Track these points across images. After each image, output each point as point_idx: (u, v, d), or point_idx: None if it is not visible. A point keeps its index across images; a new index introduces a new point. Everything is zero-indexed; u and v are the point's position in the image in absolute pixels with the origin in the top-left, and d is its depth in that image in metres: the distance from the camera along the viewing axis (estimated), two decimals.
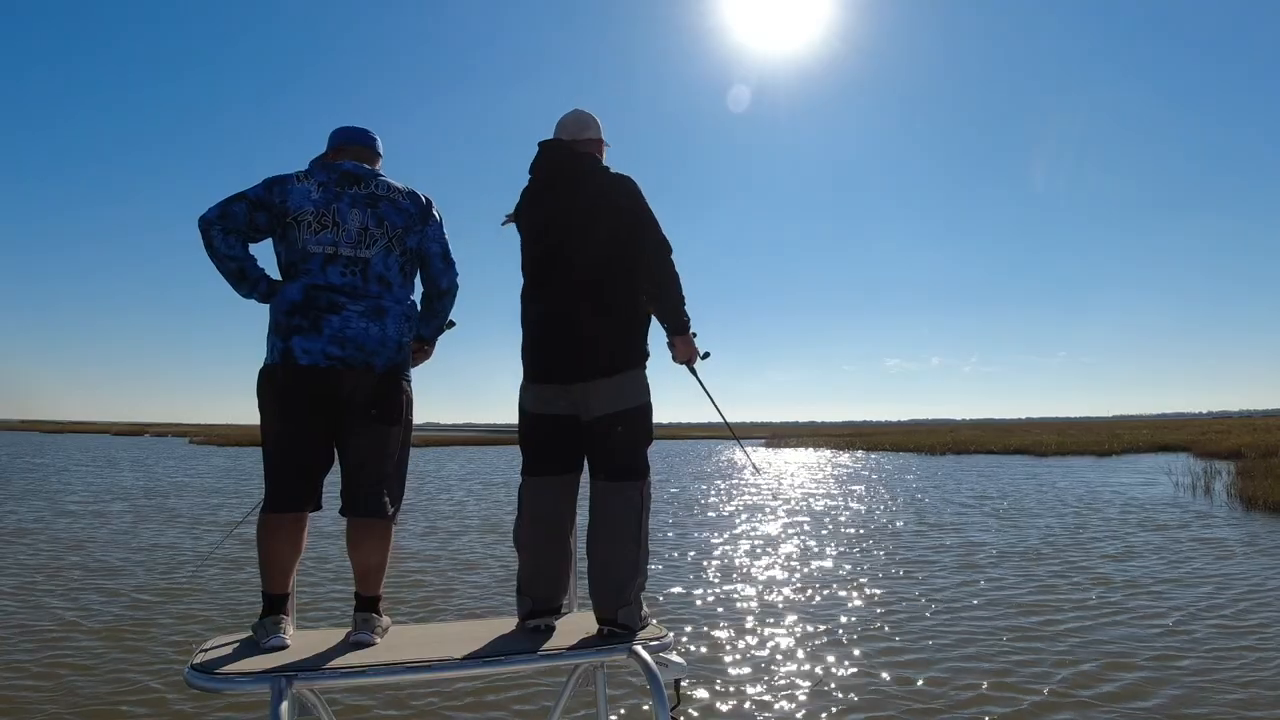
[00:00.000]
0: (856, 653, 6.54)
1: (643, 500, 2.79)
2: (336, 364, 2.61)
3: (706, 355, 3.10)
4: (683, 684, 2.90)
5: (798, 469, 31.59)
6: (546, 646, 2.59)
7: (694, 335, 3.04)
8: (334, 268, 2.66)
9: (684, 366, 3.09)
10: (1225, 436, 37.74)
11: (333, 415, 2.66)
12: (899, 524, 14.42)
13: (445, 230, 2.90)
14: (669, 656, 2.64)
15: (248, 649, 2.46)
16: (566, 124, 3.06)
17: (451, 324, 3.04)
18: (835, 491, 21.37)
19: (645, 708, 4.76)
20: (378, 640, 2.58)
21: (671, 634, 2.74)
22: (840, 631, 7.21)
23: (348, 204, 2.71)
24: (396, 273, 2.75)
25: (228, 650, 2.45)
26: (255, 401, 2.70)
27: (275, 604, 2.61)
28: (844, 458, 40.13)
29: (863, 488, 22.46)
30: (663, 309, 2.98)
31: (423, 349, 3.00)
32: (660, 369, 3.00)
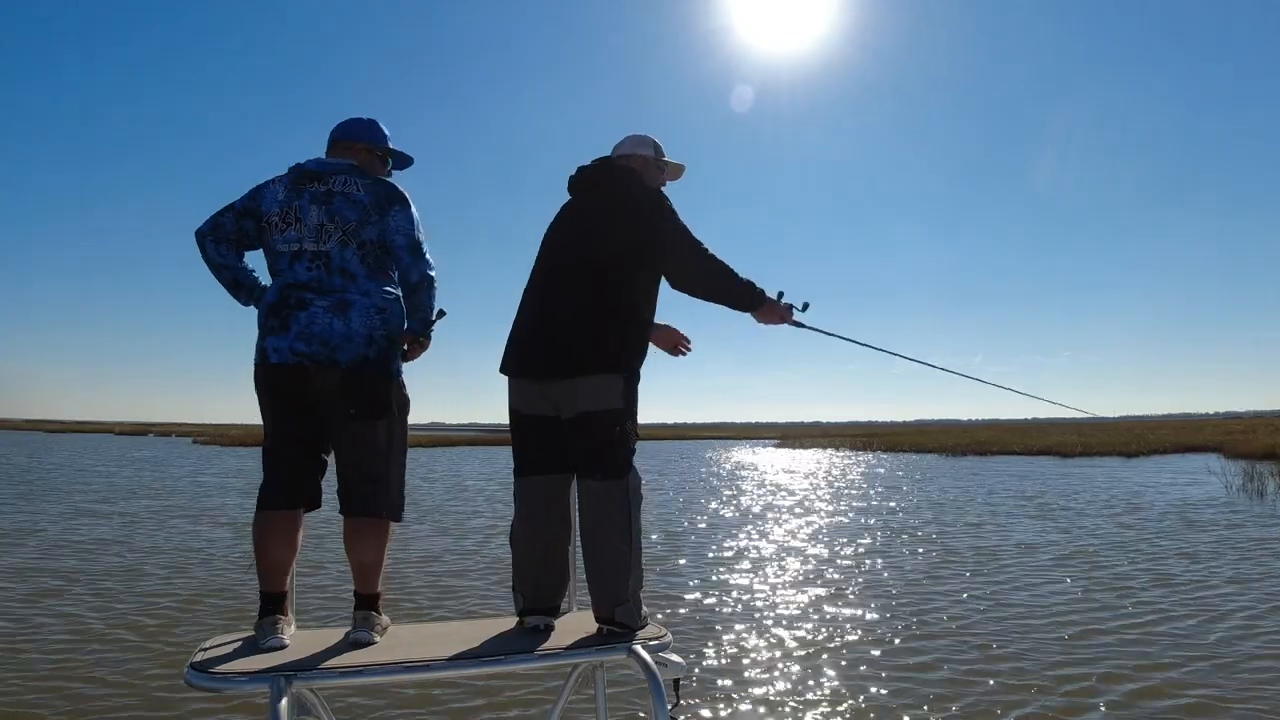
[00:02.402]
0: (884, 659, 6.28)
1: (628, 497, 2.78)
2: (303, 360, 2.62)
3: (806, 306, 3.12)
4: (682, 684, 2.85)
5: (819, 470, 30.92)
6: (545, 646, 2.60)
7: (781, 296, 3.09)
8: (300, 264, 2.71)
9: (786, 326, 3.14)
10: (1251, 437, 37.06)
11: (312, 413, 2.69)
12: (941, 525, 14.09)
13: (414, 221, 2.83)
14: (668, 656, 2.64)
15: (248, 648, 2.47)
16: (618, 143, 3.19)
17: (442, 313, 2.94)
18: (865, 492, 20.87)
19: (643, 714, 4.75)
20: (377, 639, 2.59)
21: (670, 634, 2.74)
22: (868, 635, 6.97)
23: (307, 201, 2.75)
24: (358, 265, 2.73)
25: (228, 649, 2.46)
26: (255, 401, 2.76)
27: (272, 603, 2.63)
28: (865, 458, 38.95)
29: (893, 488, 21.93)
30: (728, 301, 3.01)
31: (418, 341, 2.92)
32: (664, 371, 2.90)
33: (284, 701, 2.11)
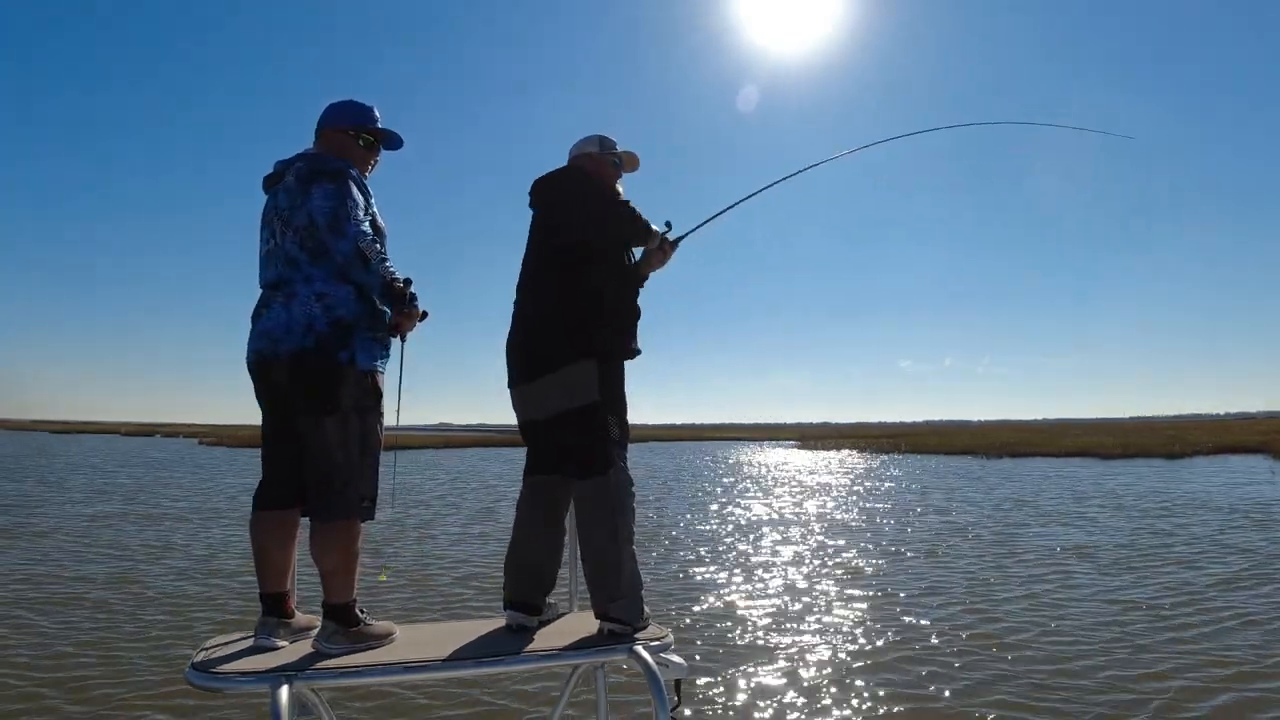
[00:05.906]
0: (909, 664, 6.12)
1: (612, 493, 2.77)
2: (258, 357, 2.59)
3: (669, 225, 3.10)
4: (683, 684, 2.83)
5: (852, 471, 29.94)
6: (547, 647, 2.59)
7: (667, 230, 3.11)
8: (268, 264, 2.67)
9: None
10: None
11: (283, 412, 2.60)
12: (1009, 525, 13.79)
13: (338, 195, 2.55)
14: (669, 657, 2.64)
15: (249, 648, 2.49)
16: (571, 147, 3.21)
17: (425, 315, 2.63)
18: (911, 493, 20.38)
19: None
20: (334, 651, 2.46)
21: (672, 634, 2.73)
22: (889, 639, 6.78)
23: (271, 199, 2.72)
24: (298, 252, 2.57)
25: (229, 650, 2.47)
26: (255, 402, 2.74)
27: (270, 603, 2.60)
28: (895, 460, 37.20)
29: (941, 490, 21.23)
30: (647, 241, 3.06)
31: (402, 314, 2.60)
32: (667, 374, 2.83)
33: (284, 701, 2.10)
